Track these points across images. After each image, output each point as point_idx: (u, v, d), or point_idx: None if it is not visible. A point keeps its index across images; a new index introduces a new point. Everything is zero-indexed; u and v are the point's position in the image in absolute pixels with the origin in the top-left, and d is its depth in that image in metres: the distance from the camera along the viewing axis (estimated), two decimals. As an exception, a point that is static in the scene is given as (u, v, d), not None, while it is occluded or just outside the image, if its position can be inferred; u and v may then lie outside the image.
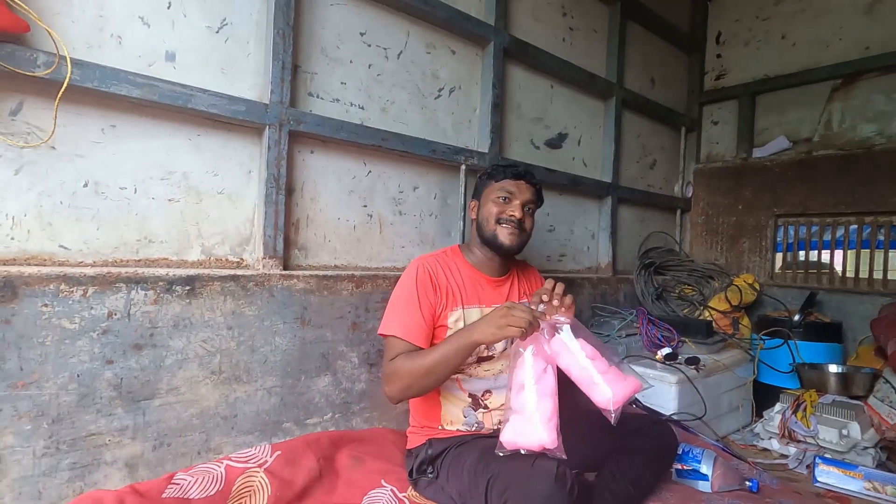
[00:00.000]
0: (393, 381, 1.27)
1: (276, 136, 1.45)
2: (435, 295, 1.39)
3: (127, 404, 1.20)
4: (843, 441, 1.82)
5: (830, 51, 2.66)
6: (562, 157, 2.42)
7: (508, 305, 1.17)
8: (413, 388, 1.27)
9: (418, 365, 1.24)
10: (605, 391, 1.18)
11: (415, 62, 1.85)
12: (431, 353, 1.24)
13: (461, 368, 1.38)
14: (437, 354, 1.23)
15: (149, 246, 1.32)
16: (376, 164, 1.76)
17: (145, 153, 1.31)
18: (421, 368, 1.23)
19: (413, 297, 1.37)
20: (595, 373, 1.18)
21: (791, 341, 2.30)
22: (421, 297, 1.37)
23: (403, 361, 1.27)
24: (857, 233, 2.56)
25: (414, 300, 1.37)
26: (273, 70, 1.45)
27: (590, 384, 1.19)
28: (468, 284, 1.47)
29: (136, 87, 1.22)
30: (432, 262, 1.45)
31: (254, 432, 1.40)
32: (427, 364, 1.23)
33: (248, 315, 1.39)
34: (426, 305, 1.37)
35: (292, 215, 1.56)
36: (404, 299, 1.38)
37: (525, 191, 1.48)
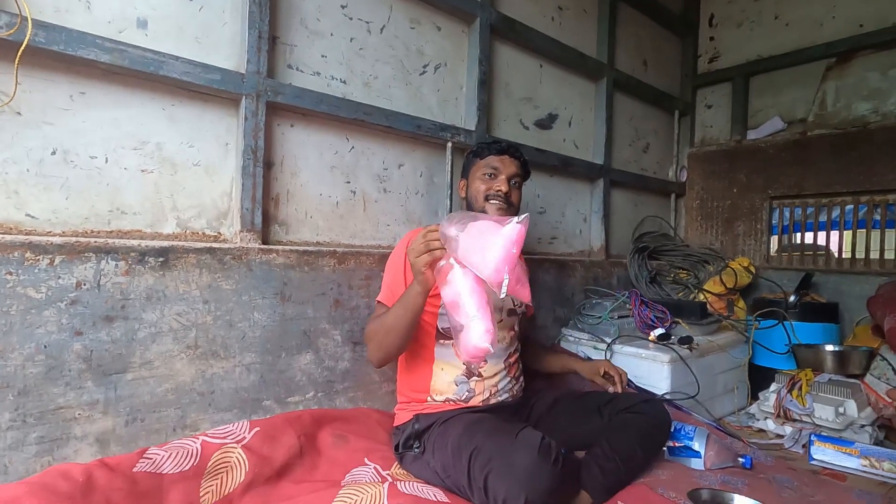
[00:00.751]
0: (367, 343, 1.37)
1: (253, 106, 1.42)
2: None
3: (97, 378, 1.17)
4: (840, 419, 1.78)
5: (824, 29, 2.63)
6: (552, 138, 2.39)
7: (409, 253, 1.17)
8: (382, 347, 1.31)
9: (379, 324, 1.30)
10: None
11: (399, 37, 1.81)
12: (388, 312, 1.28)
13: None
14: (390, 312, 1.27)
15: (121, 217, 1.29)
16: (360, 139, 1.72)
17: (117, 122, 1.28)
18: (382, 327, 1.29)
19: (399, 266, 1.41)
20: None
21: (786, 322, 2.26)
22: (406, 265, 1.37)
23: (371, 323, 1.36)
24: (853, 212, 2.52)
25: (399, 268, 1.41)
26: (249, 39, 1.41)
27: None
28: None
29: (104, 52, 1.19)
30: None
31: (232, 409, 1.37)
32: (385, 322, 1.27)
33: (226, 289, 1.35)
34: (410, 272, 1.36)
35: (272, 190, 1.53)
36: (391, 268, 1.45)
37: (510, 165, 1.51)
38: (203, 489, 1.17)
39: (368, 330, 1.35)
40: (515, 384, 1.54)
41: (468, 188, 1.55)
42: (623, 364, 1.96)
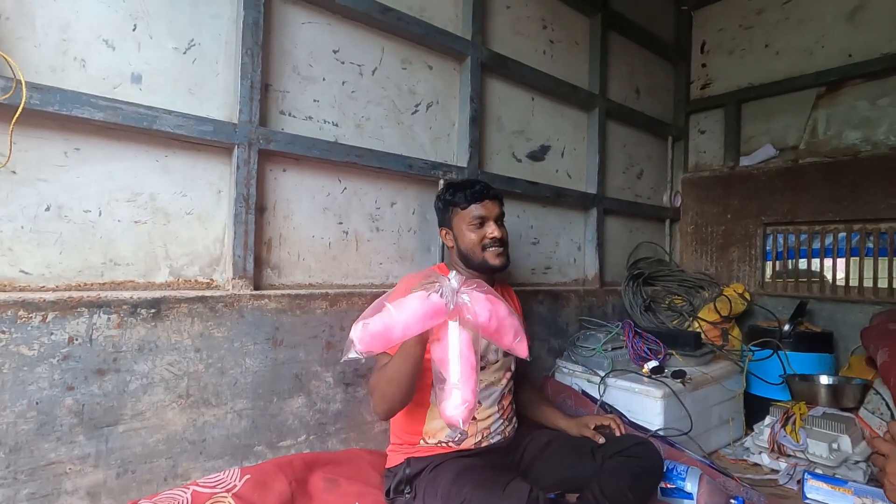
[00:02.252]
0: (371, 396, 1.33)
1: (246, 155, 1.45)
2: None
3: (89, 431, 1.18)
4: (834, 455, 1.78)
5: (814, 59, 2.66)
6: (545, 170, 2.41)
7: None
8: (385, 399, 1.27)
9: (381, 376, 1.26)
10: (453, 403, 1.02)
11: (390, 78, 1.85)
12: (389, 363, 1.25)
13: None
14: (392, 363, 1.23)
15: (114, 269, 1.31)
16: (352, 180, 1.75)
17: (111, 175, 1.30)
18: (383, 378, 1.25)
19: None
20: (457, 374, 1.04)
21: (781, 352, 2.26)
22: None
23: (375, 374, 1.31)
24: (846, 240, 2.53)
25: None
26: (241, 89, 1.44)
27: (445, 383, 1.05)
28: None
29: (98, 110, 1.22)
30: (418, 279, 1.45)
31: (223, 457, 1.37)
32: (386, 373, 1.24)
33: (217, 337, 1.36)
34: None
35: (264, 234, 1.55)
36: None
37: (493, 208, 1.52)
38: (193, 541, 1.18)
39: (372, 382, 1.31)
40: (508, 426, 1.54)
41: (456, 240, 1.53)
42: (616, 397, 1.97)
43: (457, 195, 1.52)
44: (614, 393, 1.99)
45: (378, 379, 1.28)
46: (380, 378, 1.27)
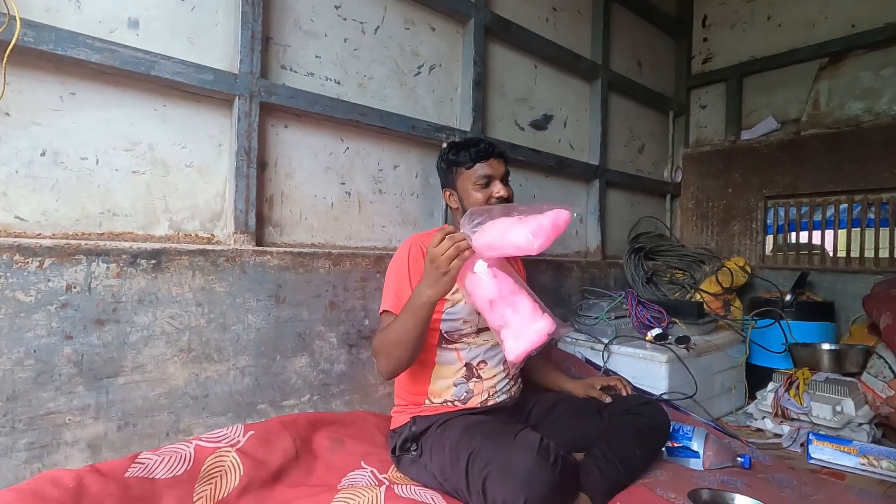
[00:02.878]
0: (376, 357, 1.28)
1: (247, 107, 1.41)
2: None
3: (89, 382, 1.15)
4: (837, 417, 1.78)
5: (816, 30, 2.64)
6: (547, 139, 2.39)
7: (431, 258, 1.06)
8: (391, 359, 1.24)
9: (387, 337, 1.22)
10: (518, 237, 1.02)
11: (393, 38, 1.81)
12: (394, 323, 1.21)
13: (458, 338, 1.38)
14: (397, 323, 1.19)
15: (113, 219, 1.27)
16: (354, 140, 1.71)
17: (108, 123, 1.26)
18: (389, 340, 1.21)
19: (404, 272, 1.36)
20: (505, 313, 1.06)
21: (783, 321, 2.26)
22: (412, 271, 1.35)
23: (379, 334, 1.28)
24: (848, 211, 2.53)
25: (404, 275, 1.35)
26: (242, 40, 1.40)
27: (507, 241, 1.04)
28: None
29: (95, 52, 1.17)
30: (424, 241, 1.43)
31: (226, 413, 1.35)
32: (393, 334, 1.20)
33: (219, 292, 1.33)
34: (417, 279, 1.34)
35: (266, 191, 1.52)
36: (395, 275, 1.38)
37: (498, 166, 1.46)
38: (197, 494, 1.16)
39: (376, 343, 1.27)
40: (514, 385, 1.52)
41: (461, 201, 1.47)
42: (620, 364, 1.96)
43: (461, 154, 1.46)
44: (618, 360, 1.98)
45: (383, 340, 1.24)
46: (385, 339, 1.23)
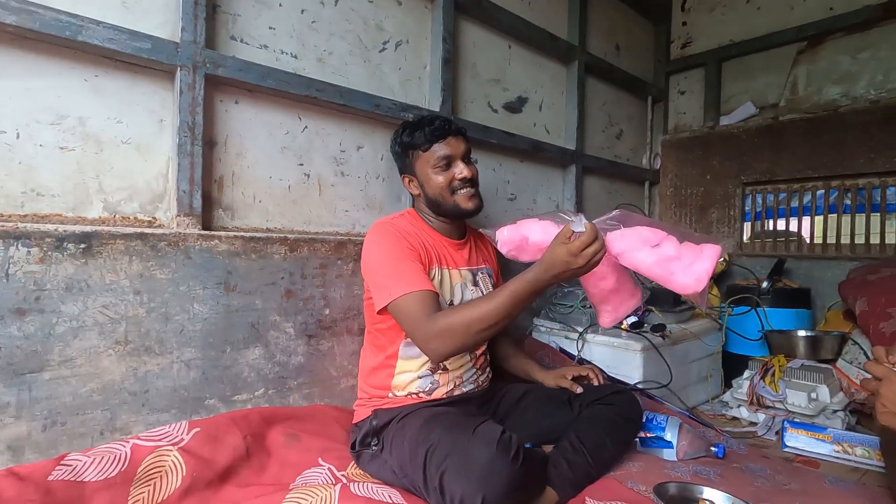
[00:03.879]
0: (443, 339, 1.13)
1: (190, 79, 1.30)
2: (416, 248, 1.31)
3: (8, 378, 1.04)
4: (812, 405, 1.75)
5: (795, 13, 2.60)
6: (522, 122, 2.30)
7: (575, 253, 1.01)
8: (470, 342, 1.14)
9: (478, 316, 1.09)
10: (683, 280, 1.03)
11: (355, 10, 1.70)
12: (492, 301, 1.09)
13: None
14: (499, 302, 1.08)
15: (37, 199, 1.16)
16: (313, 118, 1.61)
17: (30, 93, 1.14)
18: (482, 320, 1.09)
19: (401, 253, 1.26)
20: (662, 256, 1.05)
21: (759, 308, 2.23)
22: (407, 252, 1.27)
23: (454, 314, 1.13)
24: (825, 198, 2.51)
25: (403, 256, 1.26)
26: (184, 5, 1.29)
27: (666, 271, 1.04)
28: (436, 247, 1.39)
29: (10, 13, 1.05)
30: (399, 223, 1.36)
31: (170, 410, 1.25)
32: (489, 313, 1.09)
33: (160, 279, 1.23)
34: (416, 260, 1.27)
35: (214, 171, 1.41)
36: (392, 258, 1.26)
37: (457, 144, 1.37)
38: (132, 497, 1.07)
39: (451, 323, 1.11)
40: (482, 375, 1.46)
41: (422, 186, 1.39)
42: (595, 353, 1.91)
43: (415, 135, 1.36)
44: (593, 349, 1.93)
45: (471, 318, 1.10)
46: (475, 317, 1.09)
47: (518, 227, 1.16)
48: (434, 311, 1.16)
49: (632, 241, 1.06)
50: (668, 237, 1.06)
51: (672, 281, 1.04)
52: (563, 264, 1.03)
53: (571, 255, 1.01)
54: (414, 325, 1.17)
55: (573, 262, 1.01)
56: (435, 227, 1.44)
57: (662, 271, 1.04)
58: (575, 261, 1.01)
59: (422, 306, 1.17)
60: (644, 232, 1.07)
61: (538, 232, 1.14)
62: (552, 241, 1.06)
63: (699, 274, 1.01)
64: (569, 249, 1.01)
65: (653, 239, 1.05)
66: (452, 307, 1.23)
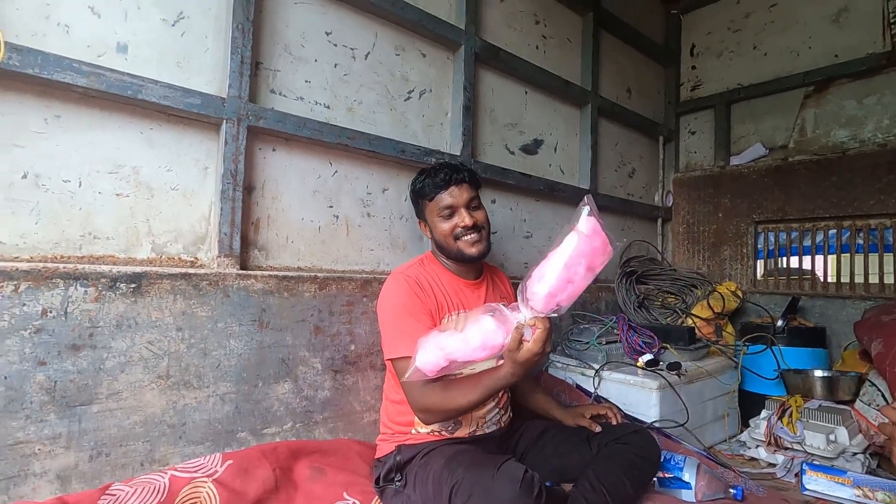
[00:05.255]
0: (425, 412, 1.25)
1: (234, 130, 1.41)
2: (427, 302, 1.37)
3: (61, 410, 1.12)
4: (831, 447, 1.75)
5: (801, 59, 2.70)
6: (538, 163, 2.40)
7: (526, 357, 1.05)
8: (444, 417, 1.28)
9: (455, 404, 1.20)
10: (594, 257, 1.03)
11: (383, 63, 1.83)
12: (468, 394, 1.17)
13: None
14: (474, 396, 1.17)
15: (93, 242, 1.26)
16: (343, 164, 1.71)
17: (92, 146, 1.26)
18: (458, 408, 1.21)
19: (410, 309, 1.33)
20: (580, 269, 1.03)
21: (775, 347, 2.24)
22: (417, 307, 1.34)
23: (444, 395, 1.21)
24: (837, 237, 2.55)
25: (412, 312, 1.33)
26: (231, 64, 1.41)
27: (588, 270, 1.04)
28: (451, 290, 1.45)
29: (81, 76, 1.18)
30: (414, 272, 1.43)
31: (204, 442, 1.31)
32: (465, 404, 1.19)
33: (201, 316, 1.31)
34: (425, 315, 1.34)
35: (252, 214, 1.51)
36: (401, 314, 1.33)
37: (459, 193, 1.43)
38: (169, 528, 1.11)
39: (431, 403, 1.21)
40: (503, 415, 1.50)
41: (432, 231, 1.47)
42: (611, 390, 1.93)
43: (424, 185, 1.45)
44: (609, 386, 1.95)
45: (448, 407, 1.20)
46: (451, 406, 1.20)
47: (439, 347, 1.05)
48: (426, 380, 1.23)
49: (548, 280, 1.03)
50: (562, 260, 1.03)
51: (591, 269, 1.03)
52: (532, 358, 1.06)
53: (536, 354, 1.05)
54: (406, 390, 1.27)
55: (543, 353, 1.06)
56: (450, 269, 1.50)
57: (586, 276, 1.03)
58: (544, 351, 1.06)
59: None
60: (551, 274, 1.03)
61: (460, 346, 1.05)
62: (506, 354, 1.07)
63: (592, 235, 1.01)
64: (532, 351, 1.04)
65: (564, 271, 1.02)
66: (442, 388, 1.22)
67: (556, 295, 1.03)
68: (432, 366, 1.05)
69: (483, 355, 1.06)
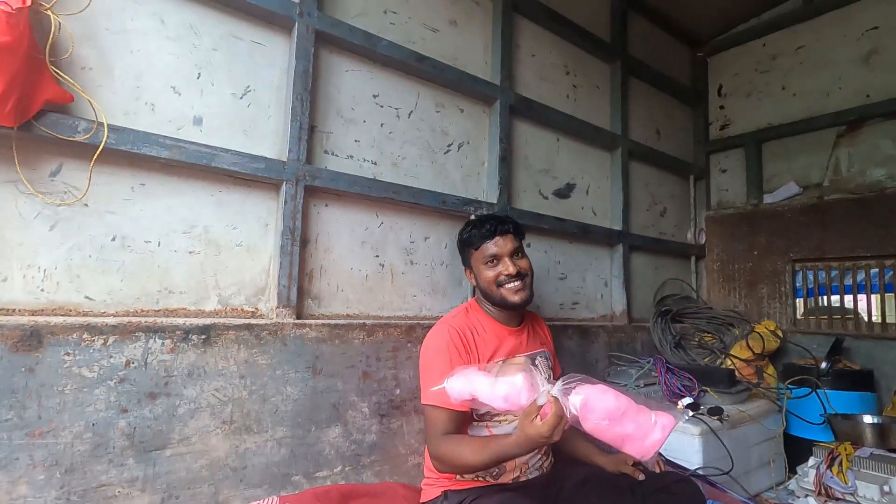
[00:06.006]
0: (441, 463, 1.32)
1: (293, 190, 1.53)
2: (467, 354, 1.43)
3: (138, 454, 1.21)
4: (886, 498, 1.70)
5: (832, 99, 2.72)
6: (571, 207, 2.47)
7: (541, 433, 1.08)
8: (460, 472, 1.35)
9: (471, 462, 1.26)
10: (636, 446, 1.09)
11: (425, 120, 1.96)
12: (481, 454, 1.23)
13: (490, 417, 1.42)
14: (486, 457, 1.23)
15: (168, 296, 1.38)
16: (388, 215, 1.82)
17: (170, 209, 1.39)
18: (470, 465, 1.28)
19: (448, 359, 1.39)
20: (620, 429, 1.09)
21: (820, 390, 2.20)
22: (455, 357, 1.40)
23: (451, 448, 1.29)
24: (879, 276, 2.50)
25: (448, 362, 1.38)
26: (291, 131, 1.55)
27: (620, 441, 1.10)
28: (492, 337, 1.52)
29: (164, 149, 1.32)
30: (458, 322, 1.50)
31: (262, 485, 1.38)
32: (478, 463, 1.26)
33: (261, 364, 1.40)
34: (461, 364, 1.38)
35: (306, 266, 1.62)
36: (437, 364, 1.40)
37: (504, 244, 1.50)
38: (233, 571, 1.18)
39: (446, 455, 1.28)
40: (546, 460, 1.52)
41: (476, 279, 1.55)
42: (652, 436, 1.92)
43: (471, 234, 1.54)
44: (649, 430, 1.94)
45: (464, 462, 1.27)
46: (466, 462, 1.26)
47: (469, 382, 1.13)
48: (448, 430, 1.32)
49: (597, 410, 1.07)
50: (630, 405, 1.09)
51: (624, 447, 1.09)
52: (538, 438, 1.10)
53: (543, 436, 1.08)
54: (427, 437, 1.37)
55: (550, 438, 1.09)
56: (493, 316, 1.56)
57: (615, 439, 1.09)
58: (551, 437, 1.08)
59: (439, 422, 1.33)
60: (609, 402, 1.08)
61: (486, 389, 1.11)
62: (521, 419, 1.12)
63: (650, 446, 1.08)
64: (539, 432, 1.08)
65: (616, 410, 1.07)
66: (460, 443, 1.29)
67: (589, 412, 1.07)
68: (457, 393, 1.14)
69: (503, 406, 1.12)
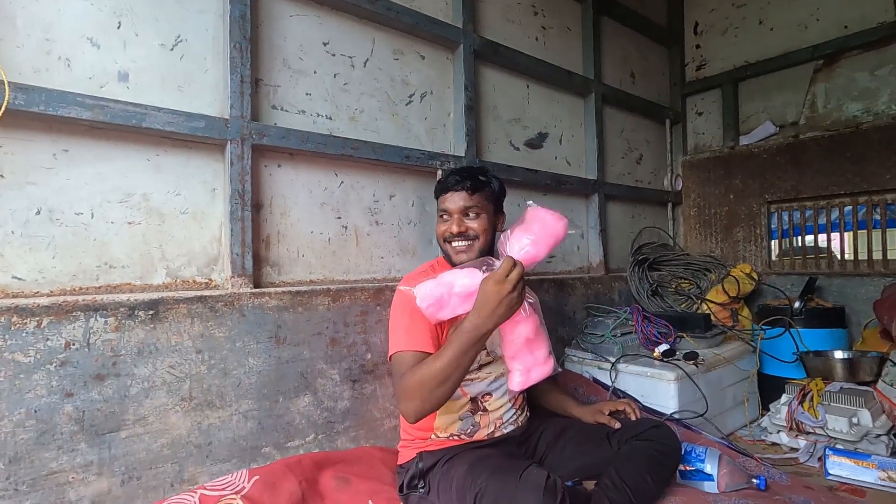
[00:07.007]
0: (406, 400, 1.17)
1: (239, 150, 1.42)
2: None
3: (90, 438, 1.15)
4: (854, 430, 1.74)
5: (809, 32, 2.63)
6: (544, 157, 2.38)
7: (495, 288, 1.06)
8: (430, 400, 1.15)
9: (428, 374, 1.13)
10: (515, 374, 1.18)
11: (382, 69, 1.82)
12: (440, 359, 1.12)
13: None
14: (446, 358, 1.11)
15: (109, 272, 1.28)
16: (348, 174, 1.72)
17: (101, 176, 1.27)
18: (433, 378, 1.12)
19: (411, 312, 1.30)
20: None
21: (793, 329, 2.22)
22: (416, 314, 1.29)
23: (412, 374, 1.16)
24: (853, 214, 2.50)
25: (413, 314, 1.29)
26: (232, 84, 1.42)
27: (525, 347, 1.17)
28: None
29: (85, 109, 1.19)
30: (422, 278, 1.42)
31: (231, 459, 1.34)
32: (438, 371, 1.11)
33: (219, 337, 1.33)
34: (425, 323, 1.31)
35: (262, 231, 1.52)
36: (401, 317, 1.33)
37: (457, 199, 1.41)
38: (203, 546, 1.15)
39: (409, 384, 1.15)
40: (521, 415, 1.51)
41: None
42: (629, 383, 1.94)
43: (436, 186, 1.49)
44: (626, 378, 1.95)
45: (421, 380, 1.13)
46: (423, 378, 1.13)
47: (440, 278, 1.15)
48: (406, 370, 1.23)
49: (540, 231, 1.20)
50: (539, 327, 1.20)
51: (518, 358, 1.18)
52: (495, 295, 1.06)
53: (498, 283, 1.06)
54: (395, 386, 1.25)
55: (503, 290, 1.05)
56: None
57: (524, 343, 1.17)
58: (503, 287, 1.05)
59: (404, 363, 1.23)
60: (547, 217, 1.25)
61: (464, 277, 1.14)
62: (481, 283, 1.10)
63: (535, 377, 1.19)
64: (495, 279, 1.06)
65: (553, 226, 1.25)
66: (416, 366, 1.19)
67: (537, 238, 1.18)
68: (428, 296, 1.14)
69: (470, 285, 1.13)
